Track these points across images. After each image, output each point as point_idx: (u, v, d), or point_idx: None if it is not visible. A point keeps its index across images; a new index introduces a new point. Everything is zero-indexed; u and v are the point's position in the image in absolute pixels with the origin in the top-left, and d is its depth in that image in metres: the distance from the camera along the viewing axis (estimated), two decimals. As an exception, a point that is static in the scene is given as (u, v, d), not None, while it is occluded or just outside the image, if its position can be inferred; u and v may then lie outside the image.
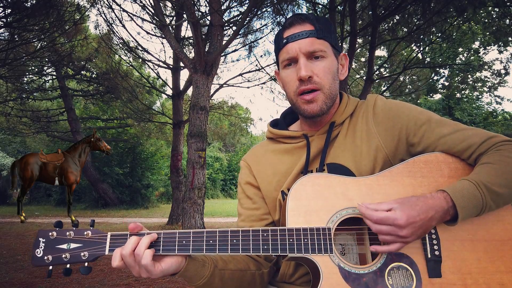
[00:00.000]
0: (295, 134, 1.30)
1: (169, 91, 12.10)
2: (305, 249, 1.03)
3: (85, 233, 1.05)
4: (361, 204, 1.03)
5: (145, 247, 0.99)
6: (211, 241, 1.04)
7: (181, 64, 10.96)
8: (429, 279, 1.03)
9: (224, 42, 7.43)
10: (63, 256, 1.03)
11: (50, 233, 1.05)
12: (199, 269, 1.10)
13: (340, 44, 9.15)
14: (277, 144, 1.36)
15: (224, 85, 11.45)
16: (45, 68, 14.78)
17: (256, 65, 11.50)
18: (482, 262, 1.05)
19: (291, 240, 1.04)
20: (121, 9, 9.33)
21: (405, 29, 10.95)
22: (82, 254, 1.03)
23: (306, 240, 1.04)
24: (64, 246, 1.04)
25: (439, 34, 10.79)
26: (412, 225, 0.97)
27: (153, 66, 11.65)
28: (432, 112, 1.25)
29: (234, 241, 1.05)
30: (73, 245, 1.04)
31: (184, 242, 1.04)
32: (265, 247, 1.04)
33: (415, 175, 1.13)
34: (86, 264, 1.04)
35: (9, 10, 8.59)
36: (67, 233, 1.05)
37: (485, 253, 1.06)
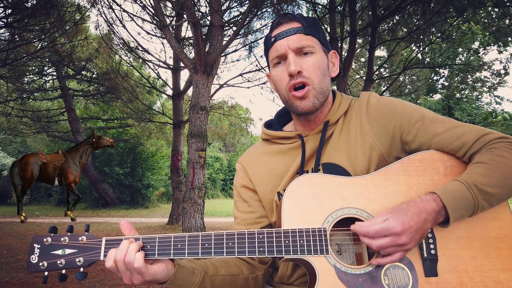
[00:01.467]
0: (289, 135, 1.30)
1: (169, 91, 12.10)
2: (301, 250, 1.03)
3: (80, 238, 1.05)
4: (355, 224, 1.02)
5: (135, 252, 1.00)
6: (206, 245, 1.04)
7: (181, 64, 10.96)
8: (425, 278, 1.02)
9: (224, 42, 7.44)
10: (58, 262, 1.03)
11: (44, 239, 1.05)
12: (188, 277, 1.09)
13: (340, 44, 9.20)
14: (272, 145, 1.35)
15: (224, 85, 11.45)
16: (45, 68, 14.78)
17: (256, 65, 11.49)
18: (478, 259, 1.04)
19: (286, 241, 1.04)
20: (122, 9, 9.32)
21: (405, 29, 10.96)
22: (77, 259, 1.03)
23: (301, 241, 1.03)
24: (59, 252, 1.04)
25: (439, 34, 10.79)
26: (408, 231, 0.97)
27: (153, 66, 11.67)
28: (426, 109, 1.24)
29: (230, 244, 1.04)
30: (68, 251, 1.04)
31: (179, 246, 1.04)
32: (261, 249, 1.04)
33: (410, 174, 1.13)
34: (81, 269, 1.04)
35: (10, 10, 8.61)
36: (62, 239, 1.05)
37: (481, 250, 1.05)
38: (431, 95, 25.28)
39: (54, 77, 15.73)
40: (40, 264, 1.02)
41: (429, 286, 1.02)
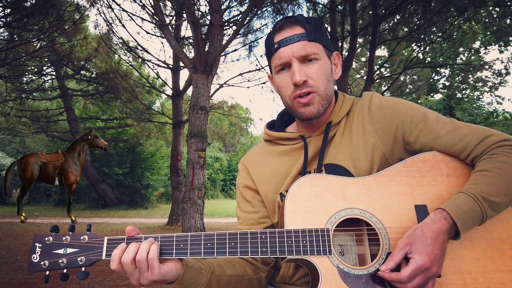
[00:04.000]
0: (292, 136, 1.30)
1: (169, 91, 12.09)
2: (303, 250, 1.02)
3: (82, 237, 1.05)
4: (381, 271, 0.99)
5: (146, 252, 1.00)
6: (209, 244, 1.04)
7: (181, 64, 10.94)
8: None
9: (224, 42, 7.42)
10: (60, 261, 1.03)
11: (46, 238, 1.05)
12: (196, 277, 1.09)
13: (340, 44, 9.18)
14: (275, 146, 1.35)
15: (224, 85, 11.44)
16: (44, 68, 14.74)
17: (256, 65, 11.51)
18: (481, 261, 1.04)
19: (289, 242, 1.03)
20: (121, 9, 9.32)
21: (405, 29, 10.95)
22: (79, 259, 1.03)
23: (304, 241, 1.03)
24: (61, 251, 1.04)
25: (440, 34, 10.80)
26: (435, 260, 0.96)
27: (153, 66, 11.70)
28: (428, 109, 1.24)
29: (232, 244, 1.04)
30: (69, 250, 1.04)
31: (181, 245, 1.04)
32: (264, 249, 1.03)
33: (413, 175, 1.12)
34: (83, 269, 1.04)
35: (9, 10, 8.58)
36: (64, 238, 1.05)
37: (484, 252, 1.05)
38: (432, 95, 25.24)
39: (53, 76, 15.71)
40: (42, 263, 1.02)
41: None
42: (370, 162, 1.16)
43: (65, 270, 1.03)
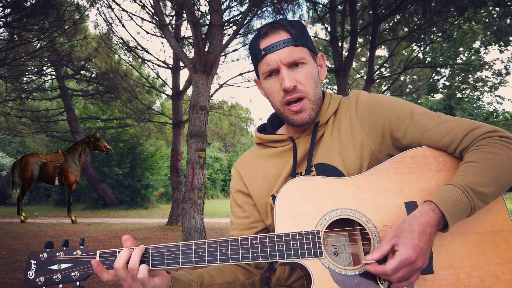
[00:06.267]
0: (281, 138, 1.31)
1: (169, 91, 12.08)
2: (294, 254, 1.03)
3: (75, 252, 1.07)
4: (367, 263, 1.00)
5: (138, 260, 1.00)
6: (200, 253, 1.04)
7: (181, 64, 10.93)
8: (421, 276, 1.02)
9: (224, 42, 7.41)
10: (54, 277, 1.05)
11: (40, 255, 1.07)
12: None
13: (340, 44, 9.18)
14: (266, 149, 1.36)
15: (224, 85, 11.43)
16: (44, 68, 14.73)
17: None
18: (474, 255, 1.04)
19: (280, 246, 1.04)
20: (121, 9, 9.29)
21: (405, 29, 10.94)
22: (72, 274, 1.05)
23: (295, 245, 1.03)
24: (55, 267, 1.06)
25: (440, 34, 10.79)
26: (421, 253, 0.96)
27: (153, 66, 11.67)
28: (416, 104, 1.24)
29: (223, 251, 1.04)
30: (63, 266, 1.06)
31: (173, 255, 1.04)
32: (255, 255, 1.04)
33: (402, 171, 1.12)
34: (77, 283, 1.06)
35: (9, 10, 8.58)
36: (57, 254, 1.08)
37: (477, 245, 1.05)
38: (432, 94, 25.22)
39: (53, 76, 15.71)
40: (37, 279, 1.05)
41: (425, 284, 1.02)
42: (359, 160, 1.17)
43: (60, 286, 1.06)
